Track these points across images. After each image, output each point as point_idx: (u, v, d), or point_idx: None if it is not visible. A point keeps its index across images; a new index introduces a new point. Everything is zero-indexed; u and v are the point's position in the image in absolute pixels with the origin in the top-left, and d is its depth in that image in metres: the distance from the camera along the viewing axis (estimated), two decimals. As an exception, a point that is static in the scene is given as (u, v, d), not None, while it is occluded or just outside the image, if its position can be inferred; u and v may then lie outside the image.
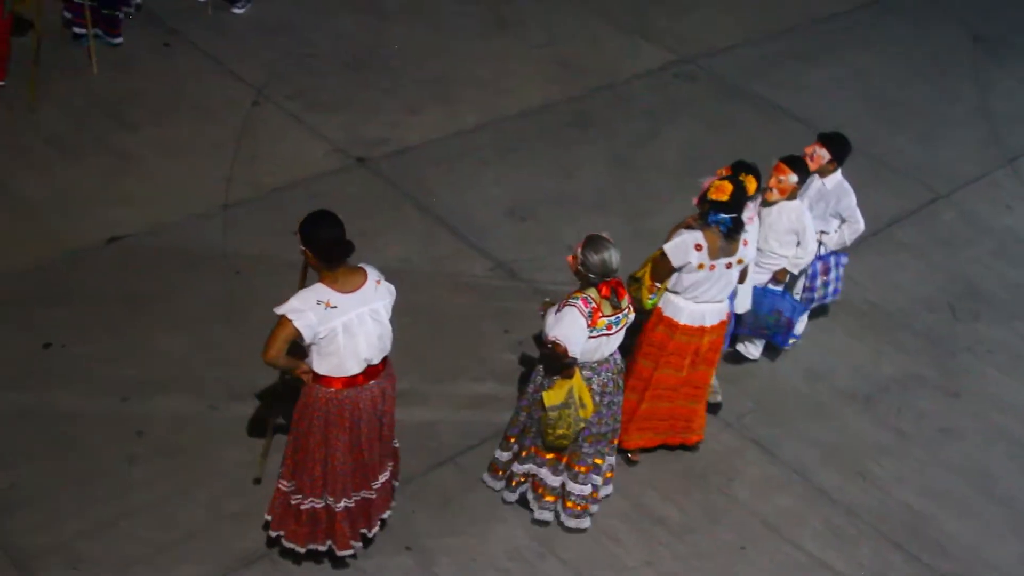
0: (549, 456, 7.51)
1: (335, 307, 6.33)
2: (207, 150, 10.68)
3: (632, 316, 7.31)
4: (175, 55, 11.94)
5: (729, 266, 7.68)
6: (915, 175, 12.14)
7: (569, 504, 7.63)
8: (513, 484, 7.77)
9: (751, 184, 7.64)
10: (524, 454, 7.61)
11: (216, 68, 11.91)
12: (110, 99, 10.86)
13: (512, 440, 7.64)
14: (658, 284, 7.71)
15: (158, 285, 9.09)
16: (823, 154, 8.69)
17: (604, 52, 13.52)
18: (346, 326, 6.38)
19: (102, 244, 9.44)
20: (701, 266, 7.57)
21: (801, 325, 9.39)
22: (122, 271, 9.19)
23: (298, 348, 6.46)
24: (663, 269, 7.65)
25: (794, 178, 8.38)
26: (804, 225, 8.50)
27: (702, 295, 7.72)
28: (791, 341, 9.32)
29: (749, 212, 7.74)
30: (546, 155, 11.44)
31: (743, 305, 8.55)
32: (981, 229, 11.51)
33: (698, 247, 7.52)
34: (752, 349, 9.26)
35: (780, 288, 8.80)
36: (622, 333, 7.24)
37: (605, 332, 7.06)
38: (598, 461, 7.59)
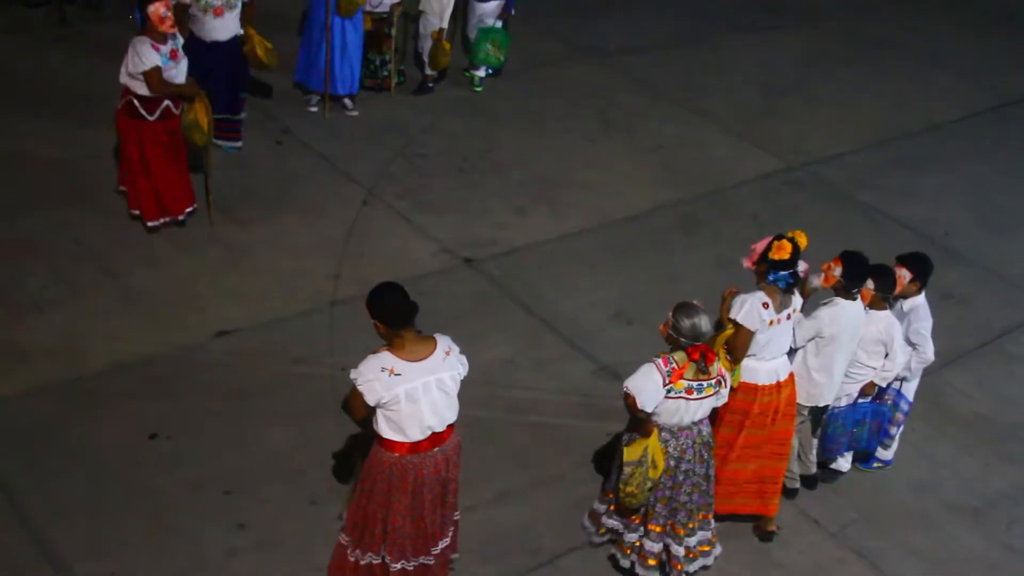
0: (625, 516, 7.68)
1: (399, 374, 6.50)
2: (316, 247, 10.82)
3: (724, 393, 7.41)
4: (287, 153, 12.16)
5: (788, 317, 7.93)
6: (1027, 286, 11.97)
7: (641, 556, 7.72)
8: (601, 532, 7.94)
9: (802, 239, 7.82)
10: (613, 508, 7.75)
11: (327, 167, 12.11)
12: (223, 195, 11.04)
13: (610, 495, 7.76)
14: (732, 360, 7.84)
15: (264, 380, 9.17)
16: (903, 274, 8.59)
17: (712, 157, 13.55)
18: (409, 394, 6.53)
19: (210, 338, 9.55)
20: (771, 323, 7.76)
21: (891, 452, 9.23)
22: (229, 365, 9.29)
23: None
24: (743, 341, 7.78)
25: (870, 284, 8.34)
26: (892, 336, 8.40)
27: (771, 352, 7.92)
28: (876, 464, 9.20)
29: (803, 267, 7.96)
30: (652, 259, 11.42)
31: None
32: (1097, 342, 11.26)
33: (765, 305, 7.73)
34: (842, 462, 9.06)
35: (867, 400, 8.69)
36: (707, 404, 7.33)
37: (684, 395, 7.17)
38: (678, 531, 7.62)
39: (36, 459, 8.14)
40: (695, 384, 7.16)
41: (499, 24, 13.92)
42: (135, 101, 10.07)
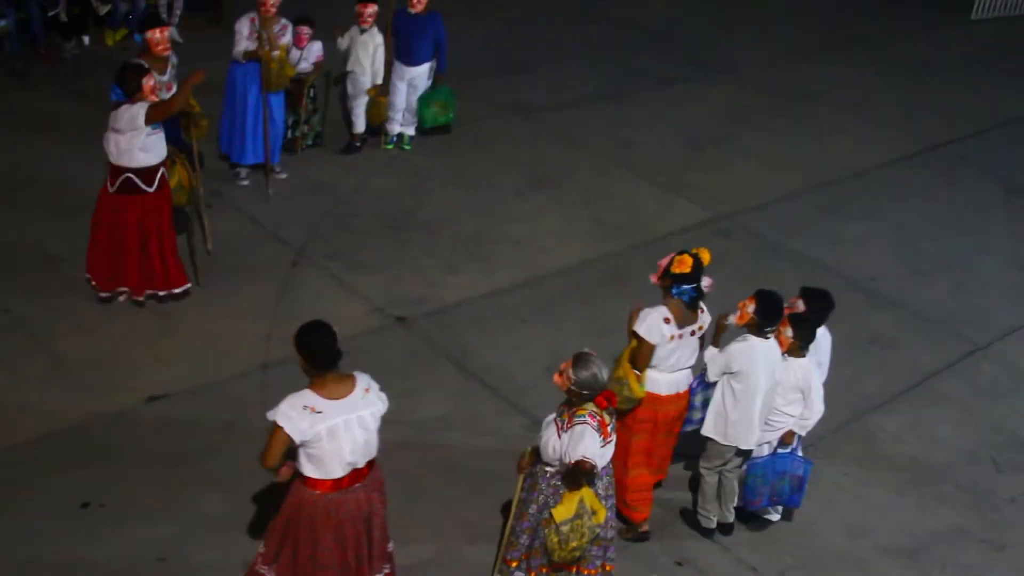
0: (560, 572, 7.63)
1: (320, 412, 6.61)
2: (247, 310, 10.80)
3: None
4: (216, 216, 12.10)
5: (693, 333, 8.27)
6: (953, 327, 12.12)
7: None
8: None
9: (705, 255, 8.16)
10: (533, 575, 7.67)
11: (257, 229, 12.11)
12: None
13: (514, 564, 7.68)
14: (638, 372, 8.16)
15: (197, 444, 9.11)
16: (799, 306, 8.76)
17: (640, 210, 13.67)
18: (331, 431, 6.64)
19: (142, 403, 9.49)
20: (672, 337, 8.09)
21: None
22: (162, 430, 9.22)
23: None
24: (645, 354, 8.12)
25: (788, 332, 8.49)
26: (810, 384, 8.49)
27: (674, 364, 8.27)
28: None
29: (707, 282, 8.22)
30: (584, 312, 11.49)
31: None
32: (1022, 380, 11.41)
33: (667, 320, 8.06)
34: (772, 513, 9.11)
35: (787, 450, 8.73)
36: (615, 437, 7.46)
37: (609, 441, 7.30)
38: (608, 568, 7.71)
39: (-35, 532, 8.05)
40: (610, 426, 7.29)
41: (429, 84, 13.98)
42: (133, 177, 9.98)
